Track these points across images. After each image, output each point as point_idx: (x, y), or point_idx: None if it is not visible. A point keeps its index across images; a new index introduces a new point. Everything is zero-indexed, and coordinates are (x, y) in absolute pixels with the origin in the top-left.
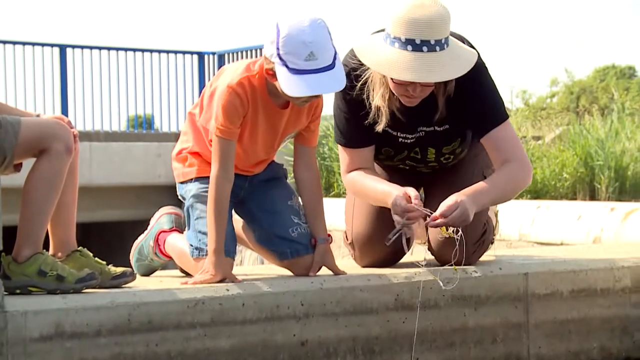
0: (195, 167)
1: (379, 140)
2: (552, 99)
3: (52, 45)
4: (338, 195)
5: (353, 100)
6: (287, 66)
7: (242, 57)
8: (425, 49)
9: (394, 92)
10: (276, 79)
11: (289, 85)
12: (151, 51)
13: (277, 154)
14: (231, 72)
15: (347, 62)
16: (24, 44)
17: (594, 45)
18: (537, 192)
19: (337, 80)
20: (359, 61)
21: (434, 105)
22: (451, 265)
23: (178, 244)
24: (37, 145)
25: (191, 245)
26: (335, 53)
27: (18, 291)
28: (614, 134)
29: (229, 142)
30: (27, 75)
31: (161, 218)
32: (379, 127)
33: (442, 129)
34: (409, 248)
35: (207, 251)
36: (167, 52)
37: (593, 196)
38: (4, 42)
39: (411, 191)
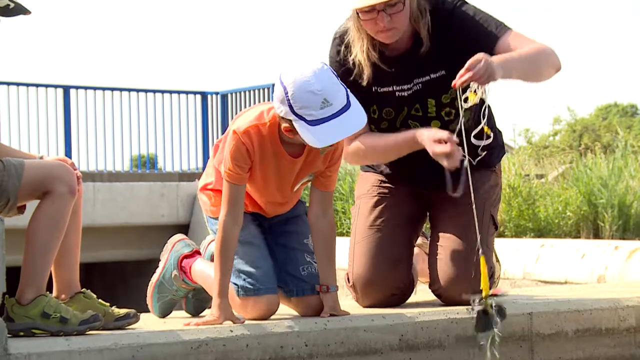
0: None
1: (377, 100)
2: (555, 137)
3: (55, 87)
4: (342, 234)
5: (341, 66)
6: (305, 120)
7: (245, 97)
8: None
9: (369, 32)
10: (297, 134)
11: (313, 137)
12: (154, 91)
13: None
14: (244, 117)
15: (334, 33)
16: (27, 85)
17: (596, 84)
18: (541, 231)
19: (359, 116)
20: (344, 27)
21: (419, 46)
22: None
23: (204, 270)
24: (41, 187)
25: (235, 285)
26: (346, 90)
27: (21, 334)
28: (617, 172)
29: (237, 186)
30: (30, 116)
31: (175, 246)
32: (364, 82)
33: (438, 75)
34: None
35: (252, 290)
36: (171, 92)
37: (597, 234)
38: (8, 84)
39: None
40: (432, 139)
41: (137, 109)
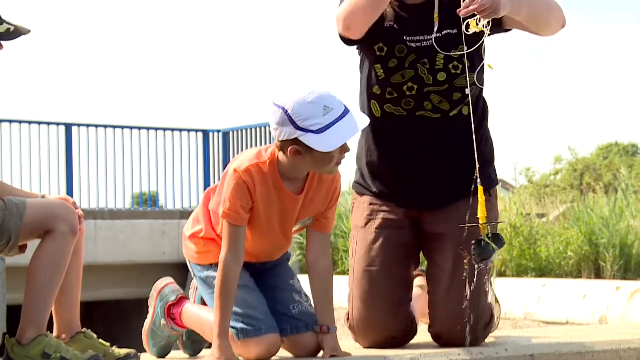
0: (213, 252)
1: (388, 38)
2: (556, 176)
3: (57, 124)
4: (343, 273)
5: None
6: (311, 131)
7: (247, 135)
8: None
9: None
10: (307, 153)
11: (324, 143)
12: (156, 129)
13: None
14: (242, 157)
15: None
16: (29, 122)
17: (597, 123)
18: (542, 270)
19: (361, 117)
20: None
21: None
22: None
23: (197, 315)
24: (42, 226)
25: (234, 329)
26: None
27: None
28: (619, 212)
29: (237, 227)
30: (32, 154)
31: (161, 293)
32: (387, 22)
33: (450, 32)
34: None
35: (253, 331)
36: (172, 130)
37: (598, 274)
38: (10, 121)
39: None
40: None
41: (138, 147)
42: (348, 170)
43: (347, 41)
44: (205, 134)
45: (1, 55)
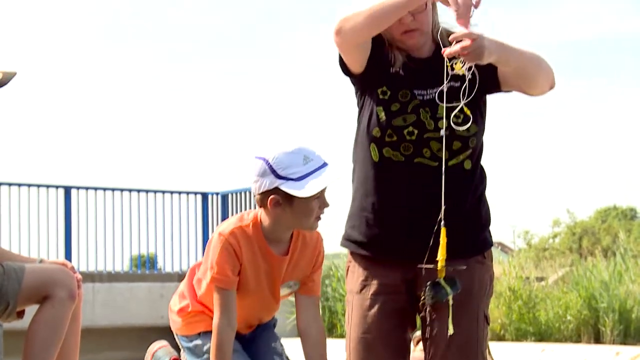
0: (199, 322)
1: (392, 82)
2: (555, 239)
3: (57, 187)
4: (341, 336)
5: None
6: (291, 179)
7: (245, 197)
8: None
9: (394, 35)
10: (287, 204)
11: (303, 189)
12: (155, 191)
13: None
14: (226, 223)
15: None
16: (29, 185)
17: (595, 186)
18: (541, 335)
19: (337, 170)
20: None
21: (437, 57)
22: None
23: None
24: (41, 292)
25: None
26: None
27: None
28: (618, 276)
29: (227, 291)
30: (31, 216)
31: (155, 355)
32: (393, 69)
33: (452, 85)
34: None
35: None
36: (171, 192)
37: (598, 339)
38: (9, 184)
39: None
40: None
41: (137, 209)
42: (339, 231)
43: (347, 72)
44: (204, 196)
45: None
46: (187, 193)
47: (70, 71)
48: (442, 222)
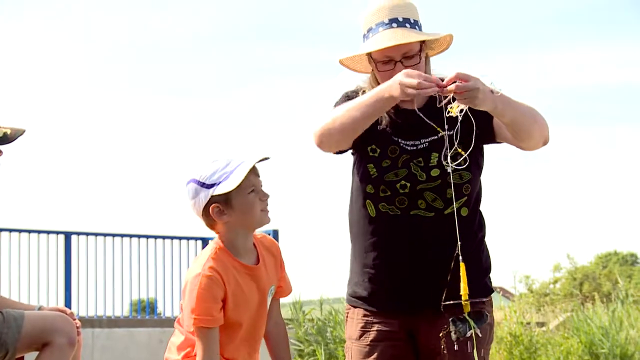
0: None
1: (380, 140)
2: (555, 284)
3: (57, 233)
4: None
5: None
6: (220, 182)
7: None
8: (394, 24)
9: (380, 81)
10: (228, 208)
11: (232, 181)
12: (155, 237)
13: None
14: (192, 268)
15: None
16: (29, 231)
17: (596, 232)
18: None
19: (259, 154)
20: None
21: (429, 106)
22: None
23: None
24: (40, 339)
25: None
26: None
27: None
28: (618, 322)
29: (211, 331)
30: (31, 262)
31: None
32: (380, 126)
33: (440, 136)
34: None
35: None
36: (171, 238)
37: None
38: (10, 230)
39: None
40: (402, 73)
41: (137, 254)
42: (339, 276)
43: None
44: (205, 241)
45: (2, 162)
46: (187, 238)
47: (68, 118)
48: (460, 258)
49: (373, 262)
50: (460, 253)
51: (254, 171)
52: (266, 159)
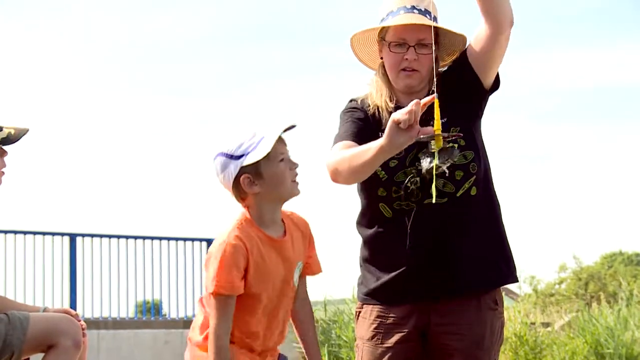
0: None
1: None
2: (561, 285)
3: (62, 234)
4: None
5: (356, 109)
6: (248, 152)
7: None
8: (416, 11)
9: (393, 69)
10: (258, 178)
11: (261, 150)
12: (160, 238)
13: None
14: (218, 238)
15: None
16: (34, 233)
17: (601, 232)
18: None
19: (286, 122)
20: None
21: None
22: None
23: None
24: (46, 341)
25: None
26: None
27: None
28: (623, 322)
29: (229, 298)
30: (36, 264)
31: None
32: (383, 127)
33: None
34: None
35: None
36: (176, 239)
37: None
38: (15, 232)
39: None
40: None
41: (142, 256)
42: (344, 277)
43: None
44: (209, 242)
45: (7, 162)
46: (192, 240)
47: (69, 119)
48: (435, 95)
49: (388, 257)
50: (435, 90)
51: (281, 140)
52: (293, 127)
